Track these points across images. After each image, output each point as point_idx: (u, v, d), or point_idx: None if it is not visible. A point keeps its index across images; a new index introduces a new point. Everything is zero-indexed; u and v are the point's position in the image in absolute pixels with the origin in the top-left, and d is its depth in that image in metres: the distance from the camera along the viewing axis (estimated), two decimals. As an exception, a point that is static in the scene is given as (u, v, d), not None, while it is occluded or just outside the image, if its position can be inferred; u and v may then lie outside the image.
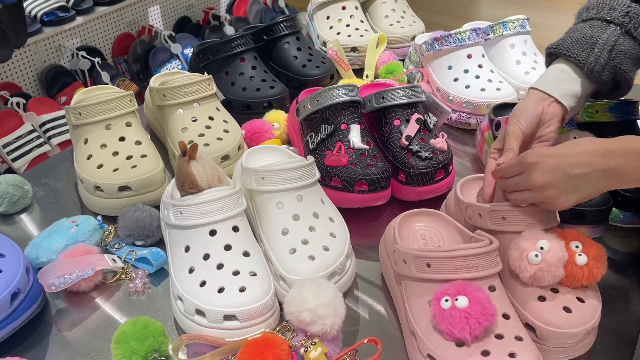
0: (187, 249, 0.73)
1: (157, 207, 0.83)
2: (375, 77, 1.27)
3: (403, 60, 1.33)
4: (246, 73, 1.14)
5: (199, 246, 0.72)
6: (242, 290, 0.68)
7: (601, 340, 0.70)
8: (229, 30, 2.52)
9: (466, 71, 1.13)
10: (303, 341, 0.63)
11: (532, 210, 0.72)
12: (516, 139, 0.76)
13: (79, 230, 0.81)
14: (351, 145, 0.90)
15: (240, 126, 1.01)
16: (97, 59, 2.16)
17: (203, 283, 0.70)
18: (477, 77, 1.12)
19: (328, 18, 1.39)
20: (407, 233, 0.79)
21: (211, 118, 0.98)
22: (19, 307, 0.69)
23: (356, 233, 0.84)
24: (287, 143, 1.06)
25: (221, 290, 0.68)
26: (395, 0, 1.44)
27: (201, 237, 0.72)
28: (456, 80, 1.13)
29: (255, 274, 0.71)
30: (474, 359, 0.61)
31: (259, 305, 0.67)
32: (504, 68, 1.19)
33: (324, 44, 1.36)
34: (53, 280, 0.73)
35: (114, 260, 0.80)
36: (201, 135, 0.96)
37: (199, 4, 2.71)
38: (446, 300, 0.62)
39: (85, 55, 2.16)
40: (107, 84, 1.94)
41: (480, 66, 1.13)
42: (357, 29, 1.36)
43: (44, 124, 1.93)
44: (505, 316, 0.65)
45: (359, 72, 1.30)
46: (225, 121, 1.00)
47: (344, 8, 1.39)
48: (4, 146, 1.83)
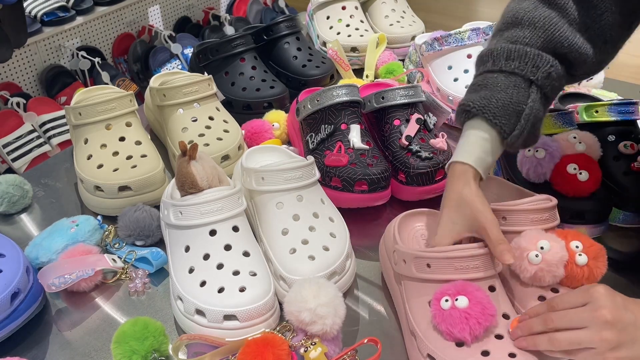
0: (187, 249, 0.73)
1: (157, 207, 0.83)
2: (375, 77, 1.27)
3: (403, 60, 1.33)
4: (246, 73, 1.14)
5: (199, 246, 0.72)
6: (242, 290, 0.68)
7: (601, 340, 0.70)
8: (229, 30, 2.51)
9: (466, 71, 1.13)
10: (303, 341, 0.63)
11: (532, 210, 0.72)
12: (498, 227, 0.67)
13: (79, 230, 0.81)
14: (351, 145, 0.90)
15: (240, 126, 1.01)
16: (97, 59, 2.15)
17: (203, 283, 0.70)
18: (477, 77, 1.12)
19: (328, 18, 1.39)
20: (407, 233, 0.79)
21: (211, 118, 0.98)
22: (19, 307, 0.69)
23: (356, 233, 0.84)
24: (287, 143, 1.06)
25: (221, 290, 0.68)
26: (395, 0, 1.44)
27: (201, 237, 0.72)
28: (456, 80, 1.13)
29: (255, 274, 0.71)
30: (474, 359, 0.61)
31: (259, 305, 0.67)
32: (504, 68, 1.19)
33: (324, 44, 1.36)
34: (53, 280, 0.73)
35: (114, 260, 0.80)
36: (201, 135, 0.96)
37: (199, 4, 2.71)
38: (446, 300, 0.62)
39: (85, 55, 2.16)
40: (107, 84, 1.94)
41: (480, 66, 1.13)
42: (357, 29, 1.36)
43: (44, 124, 1.93)
44: (505, 316, 0.65)
45: (359, 72, 1.30)
46: (225, 121, 1.00)
47: (344, 8, 1.39)
48: (4, 146, 1.83)
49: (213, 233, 0.72)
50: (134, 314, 0.74)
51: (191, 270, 0.71)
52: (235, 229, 0.73)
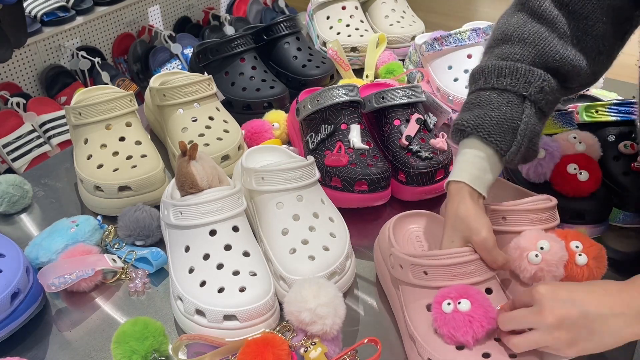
0: (187, 249, 0.73)
1: (157, 207, 0.83)
2: (375, 77, 1.27)
3: (403, 60, 1.33)
4: (246, 73, 1.14)
5: (199, 246, 0.72)
6: (242, 290, 0.68)
7: (601, 340, 0.70)
8: (229, 30, 2.51)
9: (466, 71, 1.13)
10: (303, 341, 0.63)
11: (532, 210, 0.72)
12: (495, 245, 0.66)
13: (79, 230, 0.81)
14: (351, 145, 0.90)
15: (240, 126, 1.01)
16: (97, 59, 2.15)
17: (203, 283, 0.70)
18: (477, 77, 1.12)
19: (328, 18, 1.39)
20: (402, 235, 0.79)
21: (211, 118, 0.98)
22: (19, 307, 0.69)
23: (356, 233, 0.84)
24: (287, 143, 1.06)
25: (221, 290, 0.68)
26: (395, 0, 1.44)
27: (201, 237, 0.72)
28: (456, 80, 1.13)
29: (255, 274, 0.71)
30: (475, 362, 0.60)
31: (259, 305, 0.67)
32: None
33: (324, 44, 1.36)
34: (53, 280, 0.73)
35: (114, 260, 0.80)
36: (201, 135, 0.96)
37: (199, 4, 2.71)
38: (448, 303, 0.62)
39: (85, 55, 2.16)
40: (107, 84, 1.94)
41: (480, 66, 1.13)
42: (357, 29, 1.36)
43: (44, 124, 1.93)
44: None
45: (359, 72, 1.30)
46: (225, 121, 1.00)
47: (344, 8, 1.39)
48: (4, 146, 1.83)
49: (213, 233, 0.72)
50: (134, 314, 0.74)
51: (191, 270, 0.71)
52: (235, 229, 0.73)
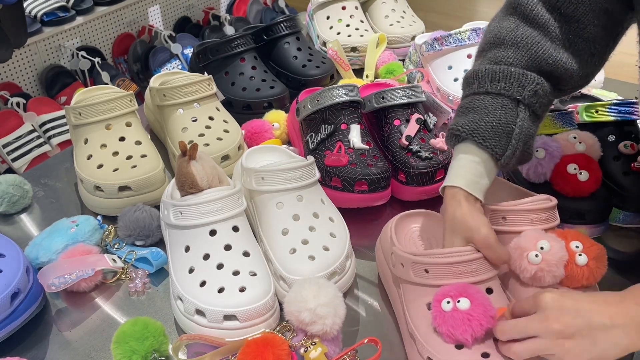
0: (187, 249, 0.73)
1: (157, 207, 0.83)
2: (375, 77, 1.27)
3: (403, 60, 1.33)
4: (246, 73, 1.14)
5: (199, 246, 0.72)
6: (242, 290, 0.68)
7: (601, 340, 0.70)
8: (229, 30, 2.51)
9: (466, 71, 1.12)
10: (303, 341, 0.63)
11: (532, 210, 0.72)
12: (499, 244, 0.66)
13: (79, 230, 0.81)
14: (351, 145, 0.90)
15: (240, 126, 1.01)
16: (97, 59, 2.15)
17: (203, 283, 0.70)
18: (477, 77, 1.12)
19: (328, 18, 1.39)
20: (404, 234, 0.79)
21: (211, 118, 0.98)
22: (19, 307, 0.69)
23: (356, 233, 0.84)
24: (287, 143, 1.06)
25: (221, 290, 0.68)
26: (395, 0, 1.44)
27: (201, 237, 0.72)
28: (456, 80, 1.13)
29: (255, 274, 0.71)
30: (474, 361, 0.60)
31: (259, 305, 0.67)
32: (504, 68, 1.19)
33: (324, 44, 1.36)
34: (53, 280, 0.73)
35: (114, 260, 0.80)
36: (201, 135, 0.96)
37: (199, 4, 2.71)
38: (448, 302, 0.62)
39: (85, 55, 2.16)
40: (107, 84, 1.94)
41: (480, 66, 1.13)
42: (357, 29, 1.36)
43: (44, 124, 1.93)
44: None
45: (359, 72, 1.30)
46: (225, 121, 1.00)
47: (344, 8, 1.39)
48: (4, 146, 1.83)
49: (213, 233, 0.72)
50: (134, 314, 0.74)
51: (191, 270, 0.71)
52: (235, 229, 0.73)
